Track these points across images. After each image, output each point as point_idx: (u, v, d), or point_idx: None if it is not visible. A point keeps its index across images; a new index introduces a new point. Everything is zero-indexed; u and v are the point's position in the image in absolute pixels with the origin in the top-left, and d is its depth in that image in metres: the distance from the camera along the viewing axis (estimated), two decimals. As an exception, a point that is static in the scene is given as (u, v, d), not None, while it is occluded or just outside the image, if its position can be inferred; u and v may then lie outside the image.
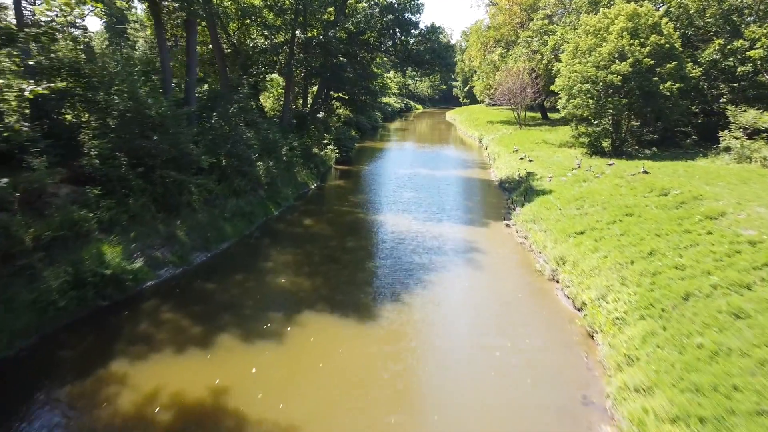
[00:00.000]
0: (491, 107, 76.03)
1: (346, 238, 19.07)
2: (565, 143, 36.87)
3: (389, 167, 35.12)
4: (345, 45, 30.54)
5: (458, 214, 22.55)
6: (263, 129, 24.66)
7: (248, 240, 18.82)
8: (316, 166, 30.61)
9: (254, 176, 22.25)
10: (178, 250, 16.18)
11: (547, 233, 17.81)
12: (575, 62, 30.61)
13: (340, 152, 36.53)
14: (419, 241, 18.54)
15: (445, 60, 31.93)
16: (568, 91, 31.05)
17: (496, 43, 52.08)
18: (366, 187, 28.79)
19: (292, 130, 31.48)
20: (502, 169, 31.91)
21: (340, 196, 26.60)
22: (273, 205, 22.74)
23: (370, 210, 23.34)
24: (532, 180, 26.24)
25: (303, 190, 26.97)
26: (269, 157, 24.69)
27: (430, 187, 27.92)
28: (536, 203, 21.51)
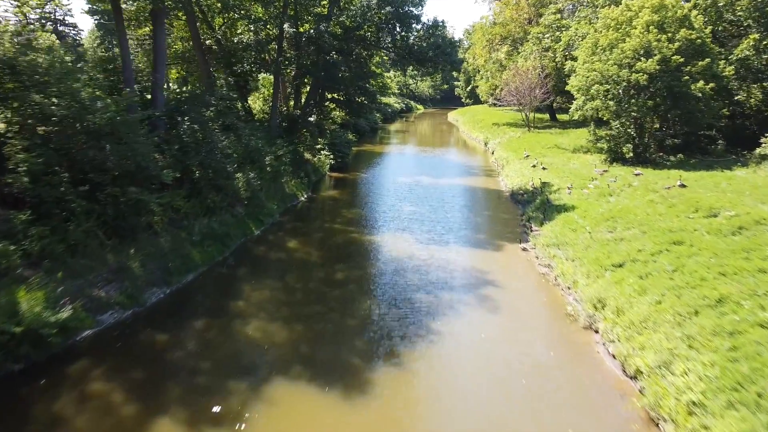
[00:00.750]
0: (495, 108, 73.05)
1: (336, 267, 16.11)
2: (579, 148, 33.90)
3: (388, 175, 32.16)
4: (339, 41, 27.60)
5: (467, 234, 19.58)
6: (245, 135, 21.70)
7: (220, 269, 15.86)
8: (306, 175, 27.65)
9: (232, 190, 19.31)
10: (128, 287, 13.23)
11: (576, 264, 14.84)
12: (594, 60, 27.63)
13: (334, 158, 33.58)
14: (422, 271, 15.58)
15: (451, 57, 28.94)
16: (585, 91, 28.08)
17: (503, 40, 49.11)
18: (362, 199, 25.83)
19: (281, 135, 28.55)
20: (512, 178, 28.94)
21: (332, 209, 23.64)
22: (254, 223, 19.79)
23: (365, 228, 20.38)
24: (549, 192, 23.27)
25: (291, 202, 24.03)
26: (252, 167, 21.75)
27: (433, 199, 24.96)
28: (558, 222, 18.55)
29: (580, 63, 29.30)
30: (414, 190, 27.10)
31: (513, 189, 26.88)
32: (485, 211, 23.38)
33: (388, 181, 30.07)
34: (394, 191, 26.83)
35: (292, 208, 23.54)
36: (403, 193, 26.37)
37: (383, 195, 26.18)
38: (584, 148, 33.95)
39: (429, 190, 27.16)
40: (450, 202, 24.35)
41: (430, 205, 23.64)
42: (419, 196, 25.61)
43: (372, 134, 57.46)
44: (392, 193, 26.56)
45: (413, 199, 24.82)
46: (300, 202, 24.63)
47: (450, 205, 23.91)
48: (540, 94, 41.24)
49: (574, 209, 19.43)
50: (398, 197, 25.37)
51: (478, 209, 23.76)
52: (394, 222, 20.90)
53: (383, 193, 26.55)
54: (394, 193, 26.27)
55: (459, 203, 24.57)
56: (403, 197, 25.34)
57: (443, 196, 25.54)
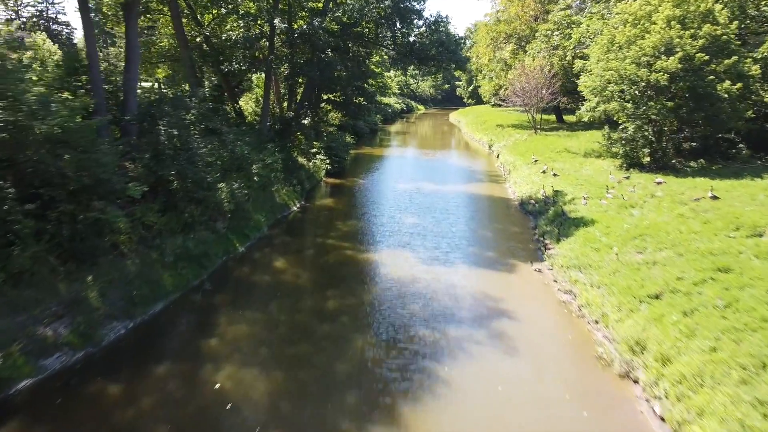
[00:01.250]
0: (498, 108, 71.08)
1: (327, 293, 14.15)
2: (591, 152, 31.90)
3: (388, 181, 30.20)
4: (335, 38, 25.63)
5: (474, 251, 17.61)
6: (230, 140, 19.73)
7: (194, 296, 13.90)
8: (300, 182, 25.66)
9: (214, 203, 17.35)
10: (82, 323, 11.28)
11: (603, 292, 12.87)
12: (610, 58, 25.64)
13: (331, 163, 31.61)
14: (426, 298, 13.62)
15: (455, 55, 26.93)
16: (600, 92, 26.10)
17: (507, 38, 47.10)
18: (359, 209, 23.85)
19: (273, 139, 26.60)
20: (521, 185, 26.95)
21: (326, 221, 21.67)
22: (238, 239, 17.83)
23: (362, 244, 18.41)
24: (563, 202, 21.30)
25: (282, 213, 22.08)
26: (238, 175, 19.80)
27: (436, 209, 22.98)
28: (577, 239, 16.57)
29: (594, 61, 27.33)
30: (415, 198, 25.12)
31: (522, 197, 24.89)
32: (493, 223, 21.40)
33: (387, 187, 28.11)
34: (394, 200, 24.86)
35: (282, 219, 21.58)
36: (403, 201, 24.40)
37: (382, 204, 24.21)
38: (596, 152, 31.96)
39: (431, 198, 25.19)
40: (454, 213, 22.37)
41: (433, 216, 21.66)
42: (421, 205, 23.64)
43: (371, 136, 55.51)
44: (392, 201, 24.59)
45: (415, 210, 22.85)
46: (292, 213, 22.67)
47: (455, 216, 21.93)
48: (547, 95, 39.25)
49: (594, 224, 17.44)
50: (398, 207, 23.39)
51: (485, 221, 21.77)
52: (394, 237, 18.94)
53: (382, 202, 24.58)
54: (394, 202, 24.30)
55: (464, 214, 22.60)
56: (404, 207, 23.36)
57: (447, 206, 23.56)
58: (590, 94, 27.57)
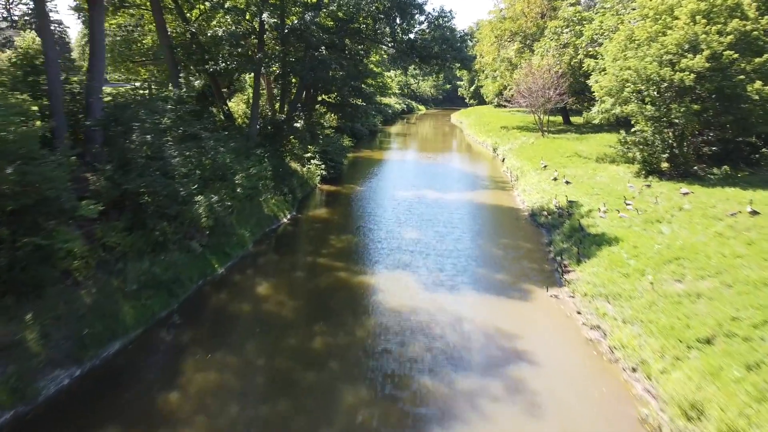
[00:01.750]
0: (501, 109, 69.04)
1: (314, 327, 12.17)
2: (603, 157, 29.93)
3: (387, 188, 28.21)
4: (331, 35, 23.65)
5: (482, 273, 15.63)
6: (210, 147, 17.75)
7: (158, 332, 11.93)
8: (291, 191, 23.69)
9: (189, 218, 15.37)
10: (12, 375, 9.33)
11: (639, 330, 10.89)
12: (627, 56, 23.63)
13: (326, 168, 29.65)
14: (429, 336, 11.66)
15: (461, 53, 24.87)
16: (617, 93, 24.10)
17: (512, 36, 45.07)
18: (355, 221, 21.87)
19: (263, 144, 24.64)
20: (531, 194, 24.97)
21: (318, 236, 19.70)
22: (217, 259, 15.87)
23: (357, 265, 16.43)
24: (579, 214, 19.34)
25: (270, 226, 20.13)
26: (221, 185, 17.83)
27: (439, 221, 21.00)
28: (601, 261, 14.59)
29: (609, 60, 25.32)
30: (416, 208, 23.13)
31: (533, 208, 22.90)
32: (502, 238, 19.40)
33: (386, 195, 26.12)
34: (394, 210, 22.87)
35: (270, 233, 19.62)
36: (403, 212, 22.41)
37: (380, 215, 22.22)
38: (609, 156, 29.97)
39: (434, 208, 23.19)
40: (459, 227, 20.37)
41: (436, 230, 19.68)
42: (423, 217, 21.65)
43: (371, 138, 53.53)
44: (391, 212, 22.60)
45: (416, 222, 20.87)
46: (281, 225, 20.71)
47: (459, 230, 19.94)
48: (555, 96, 37.24)
49: (618, 242, 15.46)
50: (398, 219, 21.41)
51: (493, 236, 19.76)
52: (392, 255, 16.96)
53: (380, 213, 22.59)
54: (394, 213, 22.31)
55: (470, 227, 20.59)
56: (404, 219, 21.38)
57: (451, 218, 21.57)
58: (605, 95, 25.58)
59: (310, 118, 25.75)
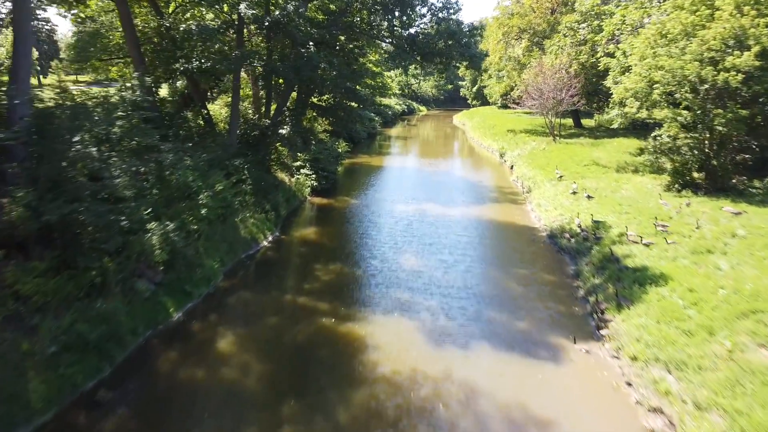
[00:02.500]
0: (506, 111, 66.08)
1: (284, 410, 9.23)
2: (624, 166, 27.01)
3: (384, 200, 25.25)
4: (321, 29, 20.72)
5: (499, 320, 12.69)
6: (170, 162, 14.80)
7: (75, 416, 9.01)
8: (275, 207, 20.76)
9: (137, 252, 12.48)
10: None
11: (721, 421, 7.96)
12: (658, 53, 20.66)
13: (318, 179, 26.74)
14: (435, 424, 8.72)
15: (469, 49, 21.75)
16: (645, 96, 21.15)
17: (520, 34, 42.10)
18: (347, 245, 18.94)
19: (245, 152, 21.75)
20: (547, 210, 22.02)
21: (302, 264, 16.78)
22: (174, 301, 12.95)
23: (345, 306, 13.48)
24: (609, 239, 16.42)
25: (247, 251, 17.24)
26: (183, 207, 14.91)
27: (443, 245, 18.07)
28: (648, 307, 11.66)
29: (636, 59, 22.35)
30: (417, 228, 20.20)
31: (551, 228, 19.96)
32: (519, 267, 16.43)
33: (383, 210, 23.16)
34: (391, 231, 19.92)
35: (246, 261, 16.71)
36: (402, 233, 19.48)
37: (376, 237, 19.28)
38: (631, 165, 27.07)
39: (437, 228, 20.24)
40: (467, 254, 17.40)
41: (440, 259, 16.73)
42: (424, 239, 18.71)
43: (369, 142, 50.61)
44: (388, 232, 19.66)
45: (416, 247, 17.93)
46: (260, 250, 17.81)
47: (468, 257, 16.98)
48: (567, 97, 34.28)
49: (666, 281, 12.52)
50: (396, 241, 18.48)
51: (507, 265, 16.76)
52: (389, 293, 14.04)
53: (376, 234, 19.64)
54: (391, 235, 19.37)
55: (480, 254, 17.62)
56: (404, 242, 18.45)
57: (457, 241, 18.61)
58: (630, 98, 22.62)
59: (299, 123, 22.80)
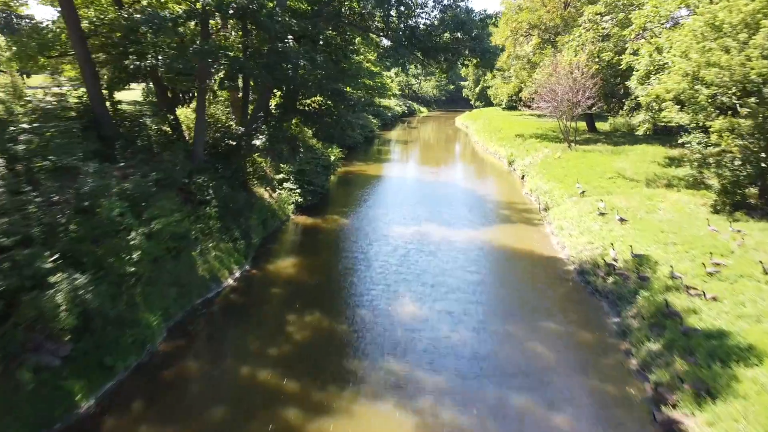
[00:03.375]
0: (510, 112, 62.58)
1: None
2: (654, 179, 23.59)
3: (379, 219, 21.78)
4: (302, 20, 17.27)
5: (530, 410, 9.23)
6: (91, 189, 11.30)
7: None
8: (245, 234, 17.30)
9: (33, 317, 9.04)
10: None
11: None
12: (708, 48, 17.18)
13: (304, 194, 23.31)
14: None
15: (481, 43, 17.97)
16: (691, 99, 17.70)
17: (530, 30, 38.60)
18: (331, 284, 15.45)
19: (214, 166, 18.36)
20: (572, 235, 18.56)
21: (272, 314, 13.32)
22: (86, 382, 9.53)
23: (322, 386, 10.02)
24: (658, 281, 13.00)
25: (204, 295, 13.83)
26: (104, 252, 11.42)
27: (448, 288, 14.60)
28: (746, 405, 8.21)
29: (677, 54, 18.89)
30: (416, 260, 16.73)
31: (580, 259, 16.48)
32: (545, 319, 12.93)
33: (378, 234, 19.69)
34: (385, 263, 16.44)
35: (201, 308, 13.28)
36: (399, 268, 16.01)
37: (367, 273, 15.81)
38: (661, 178, 23.65)
39: (441, 260, 16.78)
40: (479, 300, 13.89)
41: (445, 309, 13.22)
42: (425, 279, 15.21)
43: (366, 146, 47.16)
44: (382, 267, 16.18)
45: (416, 288, 14.47)
46: (222, 291, 14.38)
47: (481, 307, 13.48)
48: (584, 100, 30.80)
49: (761, 359, 9.06)
50: (391, 283, 14.97)
51: (531, 316, 13.24)
52: (380, 365, 10.58)
53: (368, 269, 16.17)
54: (385, 270, 15.90)
55: (495, 300, 14.13)
56: (400, 281, 14.98)
57: (466, 281, 15.11)
58: (669, 101, 19.19)
59: (281, 130, 19.29)
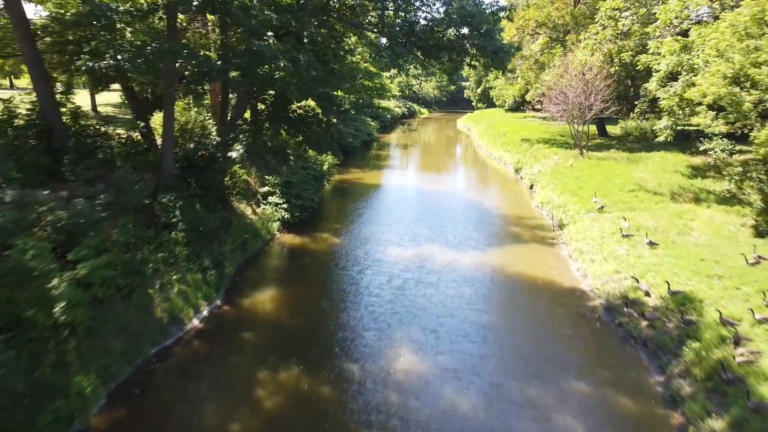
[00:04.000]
0: (514, 114, 60.23)
1: None
2: (680, 192, 21.28)
3: (375, 240, 19.43)
4: (285, 14, 14.93)
5: None
6: None
7: None
8: (218, 263, 14.95)
9: None
10: None
11: None
12: (752, 47, 14.84)
13: (291, 209, 20.99)
14: None
15: (492, 41, 15.43)
16: (735, 106, 15.38)
17: (537, 29, 36.26)
18: (315, 326, 13.08)
19: (187, 180, 16.08)
20: (594, 261, 16.21)
21: (241, 368, 10.98)
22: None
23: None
24: (707, 329, 10.70)
25: (161, 342, 11.57)
26: (24, 305, 9.10)
27: (454, 335, 12.28)
28: None
29: (711, 54, 16.57)
30: (415, 294, 14.39)
31: (606, 293, 14.13)
32: (573, 377, 10.55)
33: (372, 258, 17.35)
34: (379, 298, 14.09)
35: (154, 360, 10.96)
36: (394, 305, 13.67)
37: (358, 309, 13.48)
38: (687, 191, 21.34)
39: (443, 294, 14.42)
40: (492, 348, 11.59)
41: (450, 362, 10.89)
42: (426, 321, 12.85)
43: (364, 151, 44.81)
44: (375, 302, 13.84)
45: (416, 332, 12.15)
46: (185, 335, 12.06)
47: (495, 359, 11.16)
48: (598, 103, 28.47)
49: None
50: (385, 321, 12.67)
51: (555, 371, 10.86)
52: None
53: (358, 304, 13.84)
54: (379, 306, 13.56)
55: (510, 349, 11.77)
56: (395, 320, 12.67)
57: (475, 323, 12.76)
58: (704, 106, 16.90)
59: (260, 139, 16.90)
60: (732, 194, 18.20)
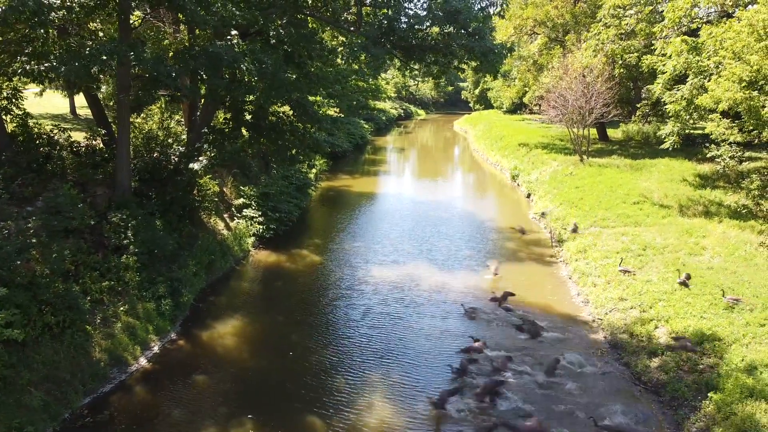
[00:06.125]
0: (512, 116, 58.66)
1: None
2: (688, 204, 19.72)
3: (358, 259, 17.79)
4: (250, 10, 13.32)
5: None
6: None
7: None
8: (175, 289, 13.30)
9: None
10: None
11: None
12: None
13: (267, 221, 19.40)
14: None
15: (482, 41, 13.69)
16: (753, 113, 13.82)
17: (534, 28, 34.72)
18: (278, 368, 11.45)
19: (147, 195, 14.50)
20: (596, 285, 14.60)
21: (189, 422, 9.38)
22: None
23: None
24: (730, 375, 9.11)
25: (97, 389, 10.05)
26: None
27: (436, 380, 10.67)
28: None
29: (727, 56, 15.00)
30: (399, 333, 12.80)
31: (611, 325, 12.52)
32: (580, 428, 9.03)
33: (353, 282, 15.71)
34: (355, 334, 12.53)
35: (86, 413, 9.37)
36: (370, 344, 12.09)
37: (327, 348, 11.90)
38: (696, 203, 19.78)
39: (427, 332, 12.82)
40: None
41: (435, 415, 9.33)
42: (408, 369, 11.26)
43: (356, 155, 43.14)
44: (350, 344, 12.26)
45: (393, 374, 10.56)
46: (127, 379, 10.46)
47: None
48: (599, 108, 26.91)
49: None
50: (358, 384, 11.04)
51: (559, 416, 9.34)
52: None
53: (330, 343, 12.26)
54: (353, 351, 11.96)
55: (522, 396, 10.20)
56: (381, 378, 11.06)
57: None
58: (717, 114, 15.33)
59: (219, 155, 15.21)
60: (748, 209, 16.60)
